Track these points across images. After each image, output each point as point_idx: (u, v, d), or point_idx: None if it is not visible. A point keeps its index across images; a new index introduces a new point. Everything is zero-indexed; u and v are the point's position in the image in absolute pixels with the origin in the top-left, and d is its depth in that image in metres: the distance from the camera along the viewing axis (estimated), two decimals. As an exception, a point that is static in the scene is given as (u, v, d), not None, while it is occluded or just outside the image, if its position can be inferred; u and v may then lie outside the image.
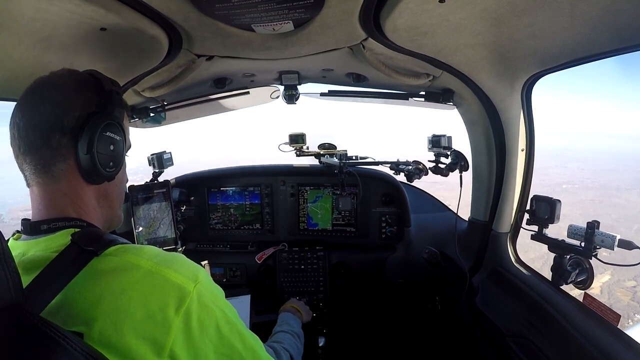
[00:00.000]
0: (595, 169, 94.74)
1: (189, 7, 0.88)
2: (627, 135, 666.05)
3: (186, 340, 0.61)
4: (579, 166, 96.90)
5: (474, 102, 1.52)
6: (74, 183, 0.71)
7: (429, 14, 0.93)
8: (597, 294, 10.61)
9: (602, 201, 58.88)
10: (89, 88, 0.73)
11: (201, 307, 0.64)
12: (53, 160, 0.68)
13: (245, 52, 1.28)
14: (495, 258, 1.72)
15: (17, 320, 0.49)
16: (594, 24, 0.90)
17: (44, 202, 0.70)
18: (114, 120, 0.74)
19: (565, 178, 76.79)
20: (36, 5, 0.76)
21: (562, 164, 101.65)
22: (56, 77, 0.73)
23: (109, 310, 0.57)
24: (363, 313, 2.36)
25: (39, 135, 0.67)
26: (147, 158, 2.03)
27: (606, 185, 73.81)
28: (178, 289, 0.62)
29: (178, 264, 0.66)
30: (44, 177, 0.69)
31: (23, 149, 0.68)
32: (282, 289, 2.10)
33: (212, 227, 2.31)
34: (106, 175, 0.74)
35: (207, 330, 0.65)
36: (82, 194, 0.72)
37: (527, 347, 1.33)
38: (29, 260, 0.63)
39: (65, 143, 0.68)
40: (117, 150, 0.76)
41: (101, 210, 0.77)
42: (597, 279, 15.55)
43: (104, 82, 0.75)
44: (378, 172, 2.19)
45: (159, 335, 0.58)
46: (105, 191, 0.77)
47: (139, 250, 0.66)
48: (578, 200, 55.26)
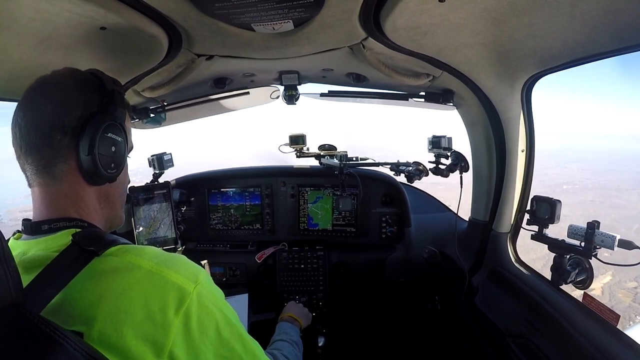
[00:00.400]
0: (595, 169, 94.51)
1: (188, 7, 0.88)
2: (627, 135, 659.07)
3: (186, 342, 0.61)
4: (579, 166, 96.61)
5: (474, 102, 1.52)
6: (75, 184, 0.71)
7: (429, 14, 0.93)
8: (598, 295, 10.56)
9: (602, 202, 58.75)
10: (90, 87, 0.73)
11: (201, 308, 0.64)
12: (54, 160, 0.68)
13: (245, 51, 1.28)
14: (495, 258, 1.72)
15: (17, 320, 0.49)
16: (594, 24, 0.90)
17: (45, 203, 0.70)
18: (115, 120, 0.74)
19: (566, 178, 76.61)
20: (36, 6, 0.76)
21: (563, 164, 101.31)
22: (58, 76, 0.72)
23: (109, 310, 0.57)
24: (363, 313, 2.36)
25: (40, 134, 0.67)
26: (147, 159, 2.03)
27: (606, 185, 73.70)
28: (178, 290, 0.62)
29: (178, 265, 0.66)
30: (45, 178, 0.69)
31: (24, 149, 0.68)
32: (282, 288, 2.10)
33: (212, 227, 2.31)
34: (107, 177, 0.74)
35: (207, 331, 0.65)
36: (83, 195, 0.72)
37: (527, 347, 1.33)
38: (29, 260, 0.63)
39: (66, 143, 0.68)
40: (118, 151, 0.76)
41: (102, 211, 0.77)
42: (598, 279, 15.35)
43: (106, 82, 0.75)
44: (378, 173, 2.20)
45: (159, 336, 0.58)
46: (106, 192, 0.77)
47: (139, 251, 0.66)
48: (579, 201, 55.09)
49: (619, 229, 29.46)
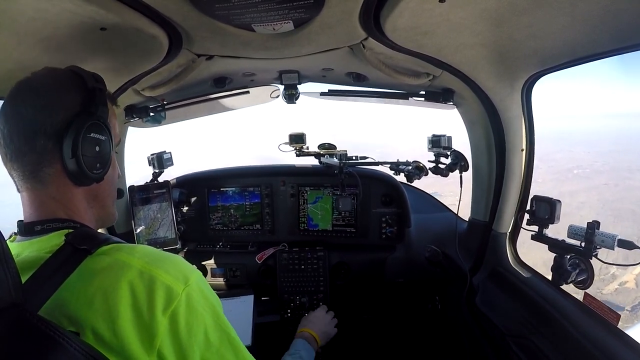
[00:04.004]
0: (600, 151, 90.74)
1: (188, 7, 0.88)
2: (626, 113, 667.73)
3: (173, 343, 0.61)
4: (584, 149, 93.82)
5: (474, 101, 1.52)
6: (63, 186, 0.70)
7: (429, 14, 0.93)
8: (632, 288, 10.43)
9: (617, 184, 55.19)
10: (71, 87, 0.71)
11: (189, 311, 0.63)
12: (40, 165, 0.68)
13: (246, 51, 1.28)
14: (495, 258, 1.72)
15: (17, 320, 0.49)
16: (594, 24, 0.90)
17: (34, 206, 0.70)
18: (98, 120, 0.73)
19: (574, 163, 72.73)
20: (36, 5, 0.76)
21: (567, 147, 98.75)
22: (37, 78, 0.71)
23: (101, 309, 0.58)
24: (363, 313, 2.36)
25: (23, 141, 0.67)
26: (147, 158, 2.03)
27: (616, 167, 70.89)
28: (166, 290, 0.62)
29: (170, 265, 0.65)
30: (32, 183, 0.69)
31: (10, 156, 0.68)
32: (283, 289, 2.10)
33: (212, 228, 2.30)
34: (94, 177, 0.73)
35: (196, 334, 0.64)
36: (71, 197, 0.72)
37: (527, 347, 1.33)
38: (23, 261, 0.63)
39: (50, 147, 0.67)
40: (103, 150, 0.74)
41: (91, 210, 0.77)
42: (631, 270, 14.72)
43: (87, 79, 0.73)
44: (378, 173, 2.19)
45: (148, 335, 0.58)
46: (95, 192, 0.77)
47: (131, 250, 0.66)
48: (593, 186, 51.12)
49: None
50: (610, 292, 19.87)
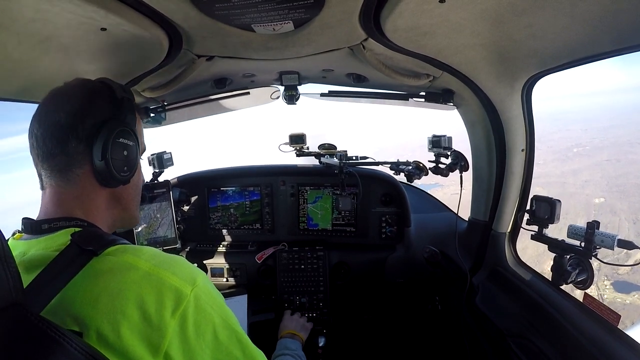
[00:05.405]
0: (599, 127, 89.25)
1: (188, 7, 0.88)
2: (621, 88, 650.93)
3: (182, 344, 0.61)
4: (581, 127, 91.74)
5: (474, 102, 1.52)
6: (89, 186, 0.74)
7: (429, 14, 0.93)
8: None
9: (619, 159, 54.33)
10: (101, 96, 0.76)
11: (198, 311, 0.64)
12: (70, 166, 0.72)
13: (246, 52, 1.28)
14: (495, 258, 1.72)
15: (17, 320, 0.49)
16: (594, 24, 0.90)
17: (53, 202, 0.72)
18: (126, 126, 0.77)
19: (573, 141, 71.73)
20: (36, 6, 0.76)
21: (564, 127, 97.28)
22: (70, 87, 0.76)
23: (106, 310, 0.58)
24: (363, 313, 2.36)
25: (55, 143, 0.71)
26: (147, 158, 2.03)
27: (616, 142, 69.73)
28: (175, 292, 0.62)
29: (176, 267, 0.66)
30: (59, 180, 0.72)
31: (41, 157, 0.72)
32: (282, 288, 2.10)
33: (212, 227, 2.31)
34: (121, 180, 0.77)
35: (204, 334, 0.65)
36: (95, 197, 0.75)
37: (527, 347, 1.33)
38: (29, 260, 0.64)
39: (81, 150, 0.72)
40: (130, 155, 0.79)
41: (111, 211, 0.80)
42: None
43: (116, 90, 0.78)
44: (378, 172, 2.19)
45: (155, 338, 0.59)
46: (119, 194, 0.80)
47: (137, 251, 0.66)
48: (595, 163, 50.03)
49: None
50: (627, 271, 20.11)
